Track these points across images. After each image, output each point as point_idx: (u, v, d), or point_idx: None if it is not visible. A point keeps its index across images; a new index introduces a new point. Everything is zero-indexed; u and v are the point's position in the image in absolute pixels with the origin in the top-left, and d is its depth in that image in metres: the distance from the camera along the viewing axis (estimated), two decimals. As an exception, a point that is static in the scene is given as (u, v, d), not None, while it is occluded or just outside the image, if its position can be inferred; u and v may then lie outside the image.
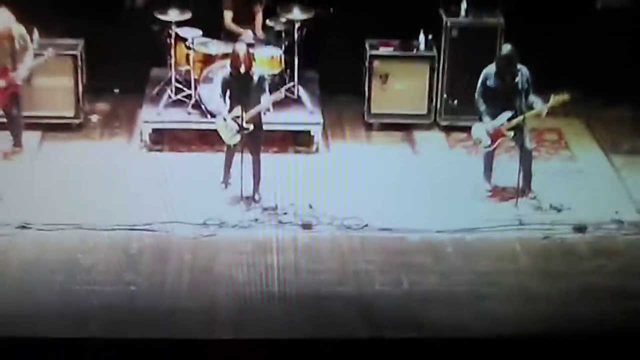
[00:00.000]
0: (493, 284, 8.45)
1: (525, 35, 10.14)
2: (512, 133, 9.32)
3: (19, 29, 9.49)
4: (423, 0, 10.68)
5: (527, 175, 9.46)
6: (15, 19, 9.46)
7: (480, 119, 9.40)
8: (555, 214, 9.30)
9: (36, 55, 9.64)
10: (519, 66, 9.23)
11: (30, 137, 10.06)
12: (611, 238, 9.04)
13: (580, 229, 9.15)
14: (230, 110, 9.21)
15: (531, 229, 9.09)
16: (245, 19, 10.48)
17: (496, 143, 9.42)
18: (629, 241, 9.02)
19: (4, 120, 9.84)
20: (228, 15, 10.49)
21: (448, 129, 10.68)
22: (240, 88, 9.17)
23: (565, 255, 8.86)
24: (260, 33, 10.49)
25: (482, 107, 9.35)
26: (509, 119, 9.28)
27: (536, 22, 10.70)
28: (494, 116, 9.32)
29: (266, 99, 9.22)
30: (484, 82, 9.35)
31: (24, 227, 8.90)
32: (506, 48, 9.34)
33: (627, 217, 9.26)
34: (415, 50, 10.60)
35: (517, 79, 9.21)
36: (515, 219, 9.21)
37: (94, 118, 10.73)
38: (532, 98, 9.30)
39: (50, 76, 10.20)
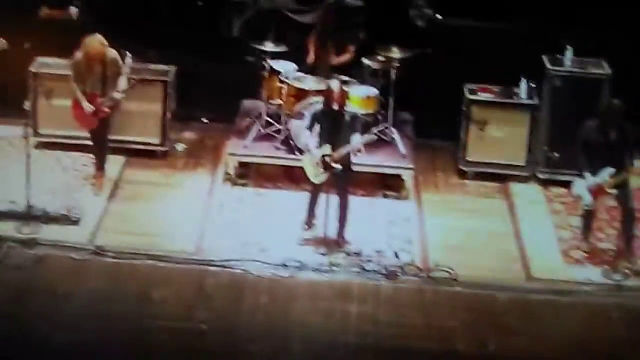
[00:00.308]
0: (586, 351, 8.15)
1: (632, 88, 9.88)
2: (615, 191, 9.00)
3: (111, 55, 9.49)
4: (526, 47, 10.54)
5: (630, 238, 9.13)
6: (108, 45, 9.46)
7: (581, 175, 9.10)
8: None
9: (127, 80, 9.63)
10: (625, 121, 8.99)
11: (114, 162, 10.05)
12: None
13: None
14: (319, 148, 9.00)
15: (630, 296, 8.78)
16: (337, 50, 10.34)
17: (598, 201, 9.11)
18: None
19: (91, 143, 9.81)
20: (311, 58, 10.37)
21: (547, 183, 10.43)
22: (332, 126, 9.04)
23: None
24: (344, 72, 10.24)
25: (583, 162, 9.08)
26: (612, 177, 8.97)
27: None
28: (595, 172, 9.03)
29: (357, 139, 9.04)
30: (584, 136, 9.10)
31: (98, 253, 8.84)
32: (612, 101, 9.11)
33: None
34: (515, 98, 10.43)
35: (621, 134, 8.94)
36: (613, 284, 8.89)
37: (180, 147, 10.69)
38: (636, 155, 9.01)
39: (140, 101, 10.20)
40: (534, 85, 10.36)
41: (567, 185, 9.73)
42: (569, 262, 9.15)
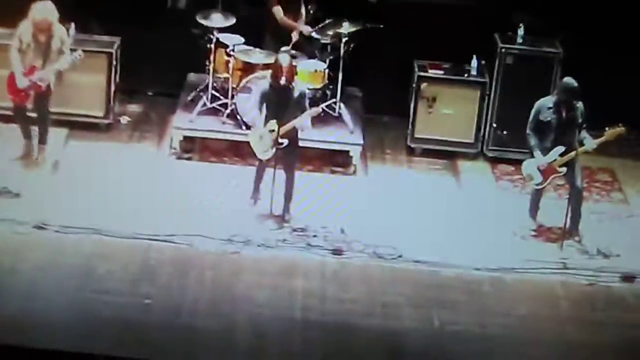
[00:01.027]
0: (530, 328, 8.27)
1: (584, 67, 9.94)
2: (564, 169, 9.15)
3: (60, 30, 9.37)
4: (478, 24, 10.59)
5: (576, 217, 9.28)
6: (58, 18, 9.35)
7: (532, 154, 9.22)
8: (602, 259, 9.10)
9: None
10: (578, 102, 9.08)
11: (56, 134, 10.00)
12: (662, 290, 8.84)
13: (628, 278, 8.91)
14: (265, 124, 9.04)
15: (575, 274, 8.92)
16: (291, 18, 10.36)
17: (548, 180, 9.24)
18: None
19: (34, 114, 9.74)
20: (278, 11, 10.30)
21: (495, 161, 10.51)
22: (279, 101, 9.06)
23: (610, 304, 8.66)
24: (307, 29, 10.28)
25: (533, 141, 9.18)
26: (561, 155, 9.08)
27: (595, 54, 10.48)
28: (545, 151, 9.15)
29: (304, 114, 9.05)
30: (537, 115, 9.18)
31: (40, 227, 8.83)
32: (569, 81, 9.13)
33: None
34: (466, 75, 10.48)
35: (571, 113, 9.03)
36: (559, 262, 9.03)
37: (124, 120, 10.69)
38: (584, 134, 9.13)
39: (83, 73, 10.13)
40: (484, 63, 10.42)
41: (514, 162, 9.87)
42: (516, 239, 9.25)
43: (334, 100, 10.37)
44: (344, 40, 10.17)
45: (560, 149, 9.08)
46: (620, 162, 10.54)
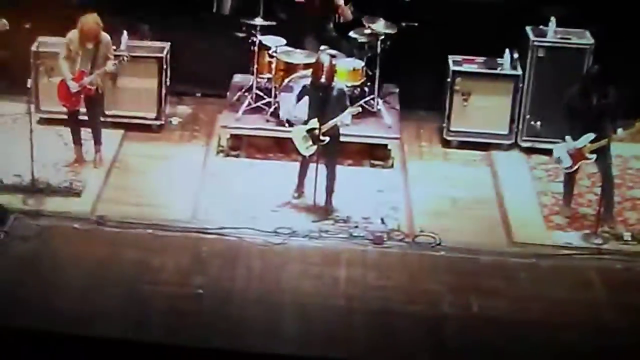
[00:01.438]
0: (566, 313, 8.30)
1: (617, 58, 9.98)
2: (594, 156, 9.13)
3: (105, 36, 9.63)
4: (510, 19, 10.60)
5: (609, 204, 9.27)
6: (102, 27, 9.56)
7: (564, 139, 9.24)
8: (637, 245, 9.09)
9: (117, 57, 9.76)
10: (609, 88, 9.04)
11: (112, 135, 10.26)
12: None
13: (663, 262, 8.93)
14: (307, 122, 9.23)
15: (610, 259, 8.92)
16: (325, 18, 10.44)
17: (577, 165, 9.25)
18: None
19: (86, 118, 9.99)
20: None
21: (529, 151, 10.55)
22: (320, 99, 9.18)
23: None
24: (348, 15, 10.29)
25: (565, 125, 9.21)
26: (592, 141, 9.10)
27: (627, 45, 10.47)
28: (576, 137, 9.15)
29: (345, 112, 9.19)
30: (567, 100, 9.19)
31: (99, 223, 9.08)
32: (592, 68, 9.18)
33: None
34: (499, 68, 10.52)
35: (603, 101, 9.02)
36: (594, 248, 9.05)
37: (175, 120, 10.90)
38: (619, 123, 9.11)
39: (136, 77, 10.40)
40: (517, 56, 10.44)
41: (548, 152, 9.86)
42: (551, 227, 9.30)
43: (372, 96, 10.47)
44: (380, 38, 10.27)
45: (591, 135, 9.06)
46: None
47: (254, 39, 10.31)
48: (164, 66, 10.49)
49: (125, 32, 10.38)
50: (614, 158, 9.44)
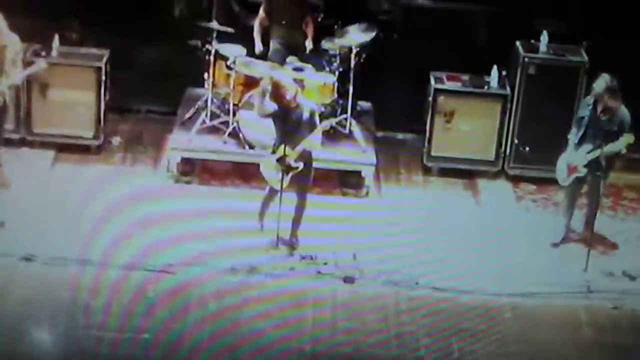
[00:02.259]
0: (554, 355, 8.56)
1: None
2: (585, 170, 9.49)
3: (11, 39, 9.32)
4: (498, 32, 10.92)
5: (590, 220, 9.65)
6: (7, 26, 9.32)
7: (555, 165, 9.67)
8: (628, 281, 9.42)
9: (29, 63, 9.57)
10: (619, 104, 9.36)
11: (41, 158, 10.30)
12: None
13: (655, 300, 9.18)
14: (274, 148, 9.21)
15: (600, 298, 9.21)
16: (292, 26, 10.54)
17: (570, 178, 9.63)
18: None
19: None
20: (261, 19, 10.41)
21: (517, 179, 10.78)
22: (286, 122, 9.16)
23: (636, 329, 8.96)
24: (309, 46, 10.44)
25: (572, 136, 9.58)
26: (587, 153, 9.49)
27: (623, 62, 10.72)
28: (577, 147, 9.55)
29: (314, 132, 9.15)
30: (580, 109, 9.59)
31: (27, 259, 9.10)
32: (606, 76, 9.41)
33: None
34: (486, 87, 10.70)
35: (609, 117, 9.36)
36: (583, 285, 9.33)
37: (116, 141, 10.91)
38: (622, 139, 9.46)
39: (69, 89, 10.38)
40: (504, 73, 10.65)
41: (538, 181, 10.18)
42: (538, 263, 9.51)
43: (344, 116, 10.54)
44: (354, 50, 10.33)
45: (588, 147, 9.44)
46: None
47: (209, 47, 10.30)
48: (103, 77, 10.47)
49: (56, 37, 10.32)
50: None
